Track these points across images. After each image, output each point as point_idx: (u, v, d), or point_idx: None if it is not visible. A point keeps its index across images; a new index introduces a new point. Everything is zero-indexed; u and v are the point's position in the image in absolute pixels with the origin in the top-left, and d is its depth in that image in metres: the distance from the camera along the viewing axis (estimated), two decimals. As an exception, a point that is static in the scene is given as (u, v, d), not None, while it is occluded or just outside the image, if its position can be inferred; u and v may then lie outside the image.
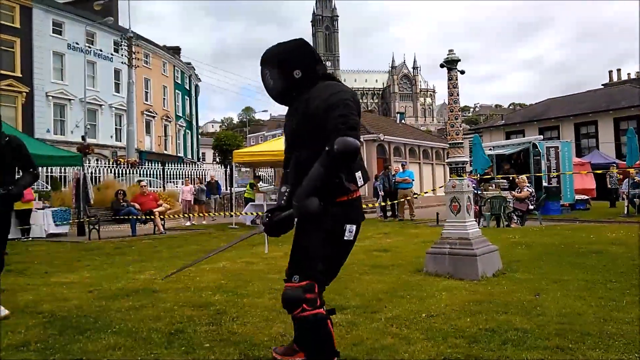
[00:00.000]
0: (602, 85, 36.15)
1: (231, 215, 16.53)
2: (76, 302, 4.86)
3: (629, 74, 35.81)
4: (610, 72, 36.40)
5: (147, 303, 4.71)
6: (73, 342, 3.57)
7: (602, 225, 11.51)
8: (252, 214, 16.36)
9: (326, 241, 2.52)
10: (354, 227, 2.58)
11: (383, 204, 16.75)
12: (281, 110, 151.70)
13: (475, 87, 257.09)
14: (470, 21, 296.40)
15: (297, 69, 2.62)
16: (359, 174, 2.54)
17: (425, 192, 22.17)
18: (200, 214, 17.88)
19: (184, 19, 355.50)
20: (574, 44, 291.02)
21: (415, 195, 16.89)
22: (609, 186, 19.16)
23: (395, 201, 15.93)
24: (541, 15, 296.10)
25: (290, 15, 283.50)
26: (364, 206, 3.04)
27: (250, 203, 17.02)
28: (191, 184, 19.22)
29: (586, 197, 18.88)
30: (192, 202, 18.16)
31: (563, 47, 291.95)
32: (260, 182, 22.13)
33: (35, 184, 18.52)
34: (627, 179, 15.88)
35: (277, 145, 17.69)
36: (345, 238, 2.55)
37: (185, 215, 17.31)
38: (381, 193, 16.81)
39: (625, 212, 14.81)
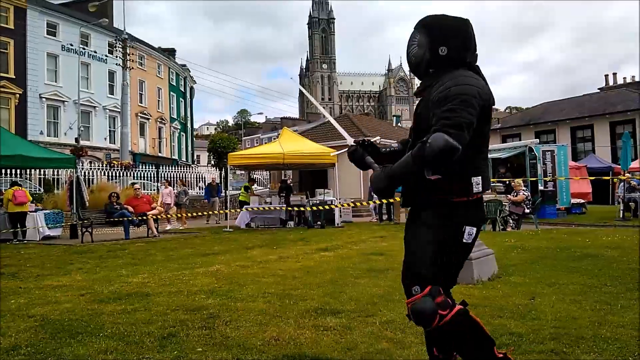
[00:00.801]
0: (599, 89, 36.26)
1: (226, 219, 16.47)
2: (68, 305, 4.82)
3: (624, 78, 35.87)
4: (607, 76, 36.45)
5: (140, 306, 4.67)
6: (64, 346, 3.54)
7: (597, 229, 11.54)
8: (248, 209, 16.36)
9: (444, 244, 2.31)
10: (474, 229, 2.37)
11: (377, 202, 16.58)
12: (276, 113, 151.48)
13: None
14: (473, 21, 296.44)
15: (444, 46, 2.39)
16: (477, 180, 2.33)
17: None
18: (180, 215, 17.17)
19: (181, 20, 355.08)
20: (573, 47, 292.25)
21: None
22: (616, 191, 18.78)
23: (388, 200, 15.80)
24: (541, 18, 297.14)
25: (287, 17, 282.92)
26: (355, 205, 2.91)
27: (245, 206, 16.98)
28: (170, 186, 18.39)
29: (582, 200, 18.94)
30: (172, 205, 17.46)
31: (562, 50, 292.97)
32: (255, 185, 22.10)
33: (28, 186, 18.45)
34: (622, 183, 15.93)
35: (272, 148, 17.69)
36: (464, 241, 2.35)
37: (170, 216, 16.88)
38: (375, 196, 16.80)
39: (621, 216, 14.86)
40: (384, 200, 15.98)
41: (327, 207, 15.06)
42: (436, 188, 2.29)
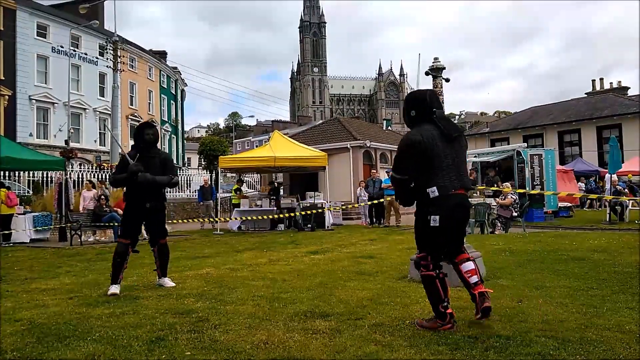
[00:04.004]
0: (586, 94, 36.60)
1: (216, 222, 16.41)
2: (56, 309, 4.79)
3: (611, 83, 36.27)
4: (594, 81, 36.79)
5: (128, 310, 4.65)
6: (51, 350, 3.51)
7: (584, 233, 11.64)
8: (239, 218, 16.29)
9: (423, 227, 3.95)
10: (437, 217, 3.82)
11: (369, 203, 16.52)
12: (267, 116, 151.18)
13: (467, 94, 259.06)
14: (463, 29, 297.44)
15: (413, 110, 4.06)
16: (431, 189, 3.82)
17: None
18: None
19: (176, 24, 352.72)
20: (562, 53, 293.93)
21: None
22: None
23: (374, 202, 15.71)
24: (533, 24, 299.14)
25: (282, 21, 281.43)
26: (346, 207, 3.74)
27: (236, 209, 16.92)
28: (94, 188, 15.21)
29: (569, 204, 19.11)
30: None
31: (552, 56, 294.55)
32: (244, 186, 22.01)
33: (17, 188, 18.29)
34: (608, 187, 16.09)
35: (263, 151, 17.67)
36: (431, 225, 3.84)
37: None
38: (365, 198, 16.85)
39: (607, 220, 15.00)
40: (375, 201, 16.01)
41: (317, 210, 15.06)
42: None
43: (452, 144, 3.92)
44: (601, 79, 36.40)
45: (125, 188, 6.05)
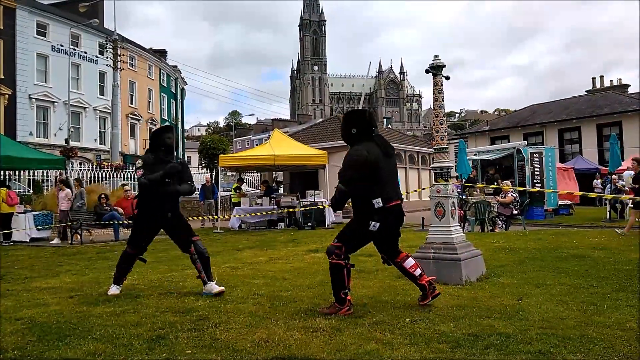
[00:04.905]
0: (586, 91, 36.50)
1: (216, 220, 16.40)
2: (56, 307, 4.79)
3: (611, 80, 36.15)
4: (594, 78, 36.63)
5: (129, 309, 4.65)
6: (52, 348, 3.52)
7: (584, 231, 11.64)
8: (237, 215, 16.28)
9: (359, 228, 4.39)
10: (377, 224, 4.27)
11: None
12: (267, 114, 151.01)
13: (468, 92, 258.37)
14: (464, 28, 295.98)
15: (354, 128, 4.40)
16: (376, 200, 4.23)
17: (414, 191, 22.26)
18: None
19: (179, 23, 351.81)
20: (564, 52, 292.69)
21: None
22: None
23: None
24: (528, 23, 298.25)
25: (283, 21, 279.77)
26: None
27: (236, 207, 16.91)
28: (68, 188, 14.07)
29: (569, 202, 19.11)
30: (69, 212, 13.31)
31: (553, 54, 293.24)
32: (244, 185, 21.98)
33: (17, 187, 18.28)
34: (609, 185, 16.07)
35: (263, 149, 17.67)
36: (369, 229, 4.28)
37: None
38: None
39: (607, 218, 15.00)
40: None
41: (319, 206, 15.07)
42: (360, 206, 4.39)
43: (389, 160, 4.39)
44: (601, 77, 36.24)
45: (138, 196, 5.62)
